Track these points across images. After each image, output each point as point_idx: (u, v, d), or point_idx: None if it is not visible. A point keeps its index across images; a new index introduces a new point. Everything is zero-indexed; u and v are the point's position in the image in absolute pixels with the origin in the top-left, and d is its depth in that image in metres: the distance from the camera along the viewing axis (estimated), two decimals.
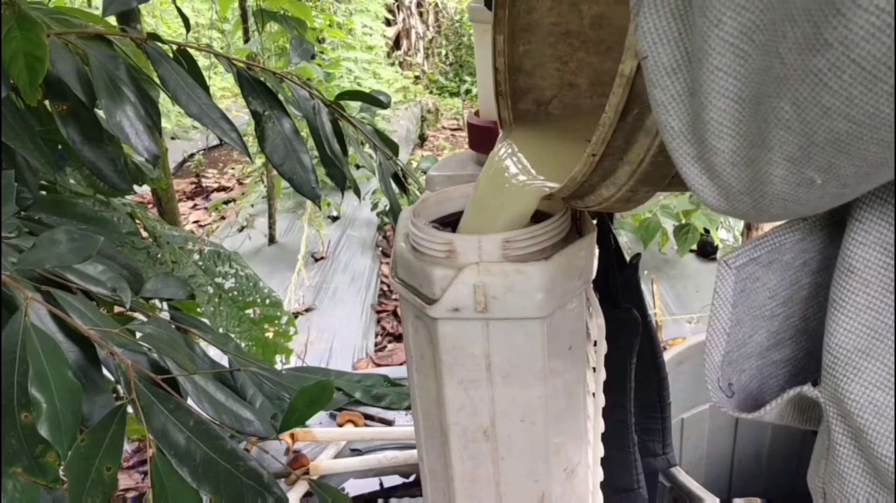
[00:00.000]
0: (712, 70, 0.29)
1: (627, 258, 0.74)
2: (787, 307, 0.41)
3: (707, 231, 2.83)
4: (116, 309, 0.81)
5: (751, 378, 0.42)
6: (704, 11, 0.28)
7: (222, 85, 5.68)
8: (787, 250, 0.39)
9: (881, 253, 0.34)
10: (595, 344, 0.61)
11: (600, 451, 0.68)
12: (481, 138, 0.72)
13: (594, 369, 0.63)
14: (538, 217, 0.55)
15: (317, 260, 3.34)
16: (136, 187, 0.95)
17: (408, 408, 0.80)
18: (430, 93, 7.75)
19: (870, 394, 0.35)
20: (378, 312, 2.94)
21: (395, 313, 2.92)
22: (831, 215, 0.38)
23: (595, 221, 0.58)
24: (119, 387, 0.59)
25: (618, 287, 0.70)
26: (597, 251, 0.61)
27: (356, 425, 1.18)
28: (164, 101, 0.99)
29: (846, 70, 0.24)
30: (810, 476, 0.41)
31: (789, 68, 0.26)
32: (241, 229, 3.71)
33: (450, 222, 0.61)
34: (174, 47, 0.84)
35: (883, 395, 0.35)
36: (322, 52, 3.82)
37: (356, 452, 1.16)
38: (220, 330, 1.06)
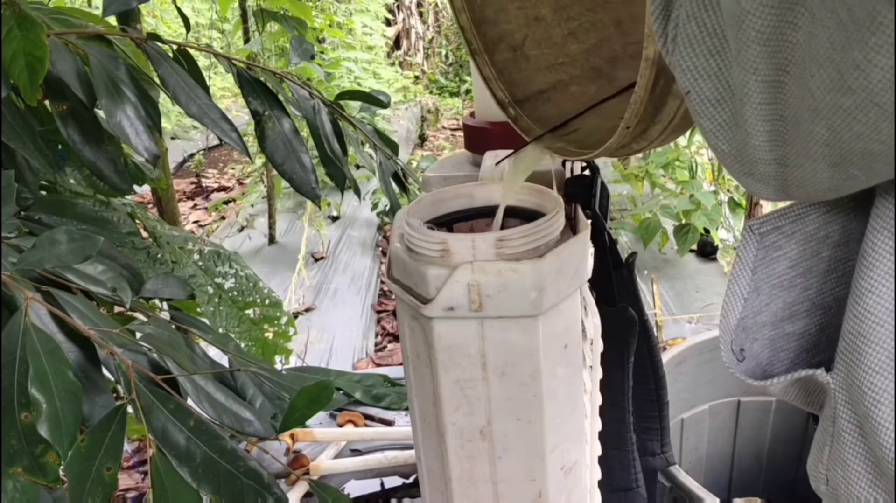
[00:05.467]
0: (755, 106, 0.32)
1: (623, 257, 0.74)
2: (806, 278, 0.42)
3: (707, 231, 2.83)
4: (116, 309, 0.81)
5: (763, 347, 0.43)
6: (740, 62, 0.31)
7: (222, 85, 5.68)
8: (812, 221, 0.40)
9: (888, 237, 0.34)
10: (591, 342, 0.61)
11: (598, 450, 0.68)
12: (477, 139, 0.72)
13: (591, 368, 0.63)
14: (531, 216, 0.56)
15: (317, 260, 3.35)
16: (136, 187, 0.95)
17: (408, 409, 0.81)
18: (430, 93, 7.76)
19: (870, 380, 0.35)
20: (378, 312, 2.95)
21: (395, 313, 2.92)
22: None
23: (589, 220, 0.59)
24: (119, 387, 0.60)
25: (614, 286, 0.71)
26: (592, 249, 0.61)
27: (356, 425, 1.18)
28: (164, 101, 1.00)
29: (871, 110, 0.27)
30: (811, 462, 0.42)
31: (819, 102, 0.28)
32: (241, 229, 3.71)
33: (445, 222, 0.61)
34: (174, 47, 0.84)
35: (882, 380, 0.35)
36: (322, 52, 3.83)
37: (356, 453, 1.16)
38: (220, 330, 1.07)
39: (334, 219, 3.89)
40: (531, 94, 0.62)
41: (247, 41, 2.72)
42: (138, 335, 0.66)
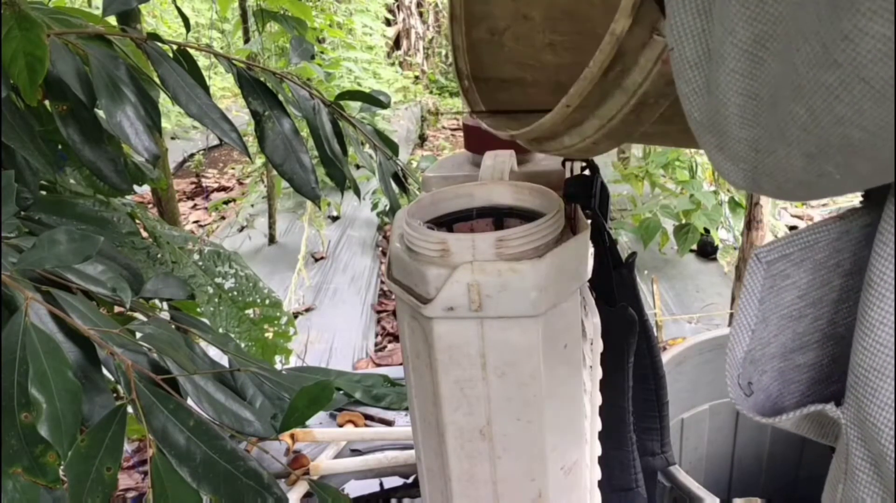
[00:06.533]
0: (728, 72, 0.30)
1: (623, 257, 0.74)
2: (816, 308, 0.40)
3: (707, 231, 2.83)
4: (116, 309, 0.81)
5: (772, 380, 0.41)
6: (721, 20, 0.29)
7: (222, 85, 5.69)
8: (821, 249, 0.39)
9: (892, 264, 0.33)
10: (591, 342, 0.61)
11: (598, 450, 0.68)
12: (477, 139, 0.72)
13: (591, 368, 0.63)
14: (531, 216, 0.56)
15: (317, 260, 3.35)
16: (136, 187, 0.95)
17: (408, 409, 0.81)
18: (430, 93, 7.76)
19: (885, 416, 0.34)
20: (378, 312, 2.95)
21: (395, 313, 2.92)
22: (868, 216, 0.38)
23: (589, 220, 0.59)
24: (119, 387, 0.60)
25: (614, 286, 0.71)
26: (592, 249, 0.61)
27: (356, 425, 1.18)
28: (164, 101, 1.00)
29: (856, 87, 0.25)
30: (826, 500, 0.40)
31: (803, 79, 0.26)
32: (241, 229, 3.72)
33: (445, 222, 0.61)
34: (174, 47, 0.84)
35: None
36: (322, 52, 3.83)
37: (356, 453, 1.16)
38: (220, 330, 1.07)
39: (334, 219, 3.89)
40: (492, 78, 0.62)
41: (247, 41, 2.72)
42: (138, 335, 0.66)
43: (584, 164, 0.69)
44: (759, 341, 0.40)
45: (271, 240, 3.47)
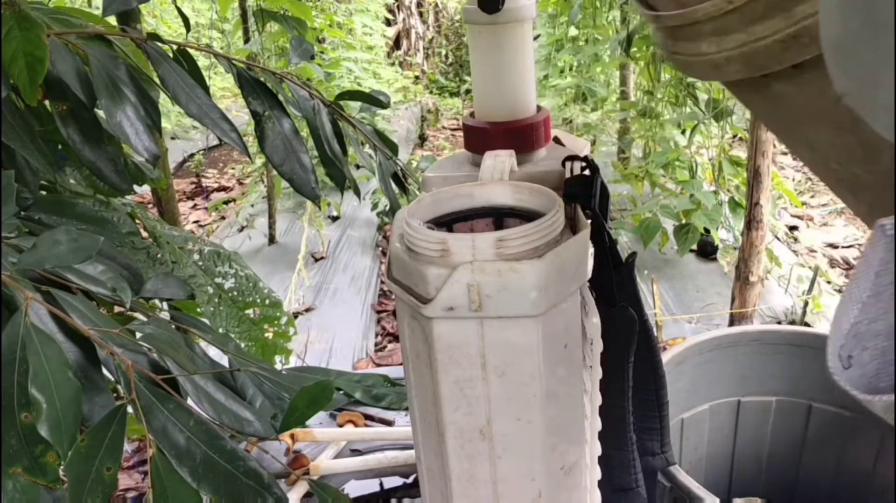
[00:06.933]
0: None
1: (623, 257, 0.74)
2: None
3: (707, 231, 2.83)
4: (116, 309, 0.81)
5: (872, 358, 0.40)
6: None
7: (222, 85, 5.69)
8: None
9: None
10: (591, 342, 0.61)
11: (598, 450, 0.68)
12: (477, 139, 0.72)
13: (591, 368, 0.63)
14: (531, 216, 0.56)
15: (317, 260, 3.35)
16: (136, 187, 0.95)
17: (408, 409, 0.81)
18: (430, 93, 7.76)
19: None
20: (378, 312, 2.95)
21: (395, 313, 2.92)
22: None
23: (589, 220, 0.59)
24: (119, 387, 0.60)
25: (614, 286, 0.71)
26: (592, 249, 0.61)
27: (356, 425, 1.18)
28: (164, 101, 1.00)
29: None
30: None
31: None
32: (241, 229, 3.72)
33: (445, 222, 0.61)
34: (174, 47, 0.84)
35: None
36: (322, 52, 3.83)
37: (356, 453, 1.16)
38: (220, 330, 1.07)
39: (334, 219, 3.89)
40: None
41: (247, 41, 2.72)
42: (138, 335, 0.66)
43: (583, 164, 0.69)
44: (868, 315, 0.39)
45: (271, 240, 3.48)
